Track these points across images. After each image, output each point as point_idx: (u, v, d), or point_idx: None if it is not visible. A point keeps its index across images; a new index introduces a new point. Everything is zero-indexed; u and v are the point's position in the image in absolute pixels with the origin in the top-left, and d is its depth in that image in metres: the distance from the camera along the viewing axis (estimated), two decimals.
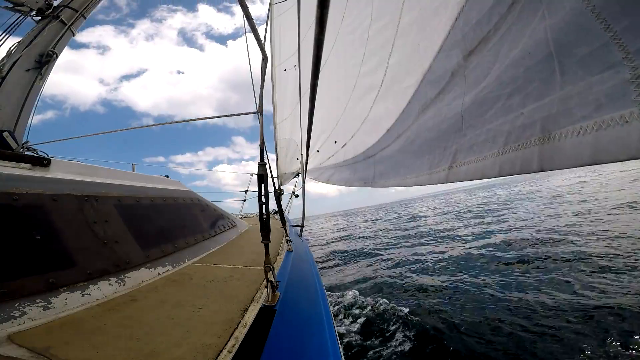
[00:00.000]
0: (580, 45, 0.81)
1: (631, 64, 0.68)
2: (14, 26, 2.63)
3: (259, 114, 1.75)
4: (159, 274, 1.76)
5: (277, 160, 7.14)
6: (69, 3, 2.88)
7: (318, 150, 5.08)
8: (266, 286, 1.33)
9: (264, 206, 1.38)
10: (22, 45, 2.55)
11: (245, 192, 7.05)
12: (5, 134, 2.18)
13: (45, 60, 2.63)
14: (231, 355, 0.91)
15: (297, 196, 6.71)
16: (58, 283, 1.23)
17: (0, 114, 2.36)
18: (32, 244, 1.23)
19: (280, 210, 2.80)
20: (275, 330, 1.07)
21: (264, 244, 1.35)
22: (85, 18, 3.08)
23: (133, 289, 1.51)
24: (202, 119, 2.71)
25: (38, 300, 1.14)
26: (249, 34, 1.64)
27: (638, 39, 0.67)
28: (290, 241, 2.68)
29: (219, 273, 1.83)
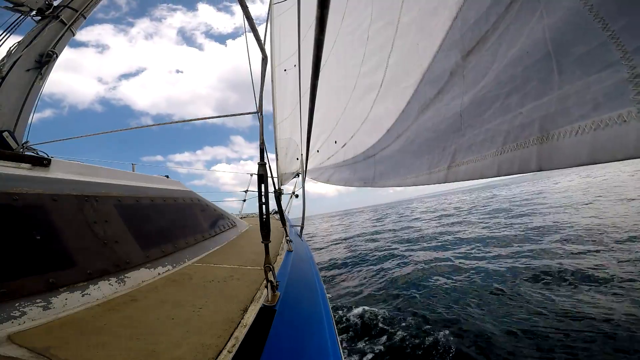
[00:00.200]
0: (578, 44, 0.81)
1: (629, 63, 0.68)
2: (14, 26, 2.63)
3: (259, 114, 1.75)
4: (159, 274, 1.76)
5: (277, 160, 7.14)
6: (69, 3, 2.88)
7: (318, 150, 5.08)
8: (266, 286, 1.34)
9: (264, 206, 1.38)
10: (22, 45, 2.56)
11: (245, 192, 7.05)
12: (5, 134, 2.18)
13: (45, 60, 2.64)
14: (231, 355, 0.91)
15: (297, 196, 6.72)
16: (58, 283, 1.23)
17: (0, 114, 2.36)
18: (32, 244, 1.23)
19: (280, 210, 2.81)
20: (275, 330, 1.07)
21: (264, 244, 1.35)
22: (85, 18, 3.08)
23: (133, 289, 1.51)
24: (202, 119, 2.71)
25: (38, 300, 1.14)
26: (249, 34, 1.64)
27: (636, 38, 0.67)
28: (290, 241, 2.68)
29: (219, 273, 1.84)
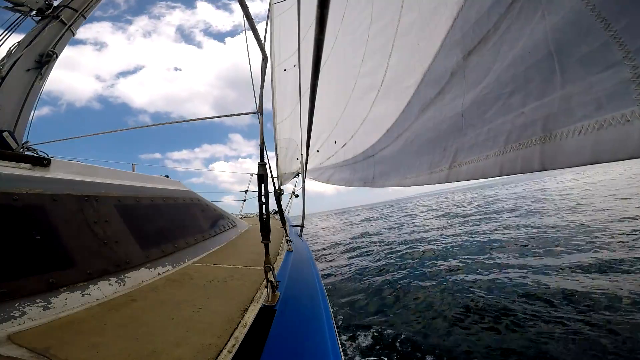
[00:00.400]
0: (580, 44, 0.81)
1: (631, 63, 0.68)
2: (14, 26, 2.63)
3: (259, 114, 1.75)
4: (159, 274, 1.76)
5: (277, 160, 7.14)
6: (69, 3, 2.88)
7: (318, 150, 5.08)
8: (266, 286, 1.33)
9: (264, 206, 1.38)
10: (22, 45, 2.55)
11: (245, 192, 7.05)
12: (5, 134, 2.18)
13: (45, 60, 2.63)
14: (231, 355, 0.91)
15: (297, 196, 6.71)
16: (58, 283, 1.23)
17: (0, 114, 2.36)
18: (32, 244, 1.23)
19: (280, 210, 2.80)
20: (275, 330, 1.06)
21: (264, 244, 1.35)
22: (85, 18, 3.08)
23: (133, 289, 1.50)
24: (203, 119, 2.71)
25: (38, 300, 1.14)
26: (249, 34, 1.64)
27: (638, 38, 0.67)
28: (290, 241, 2.67)
29: (219, 273, 1.83)
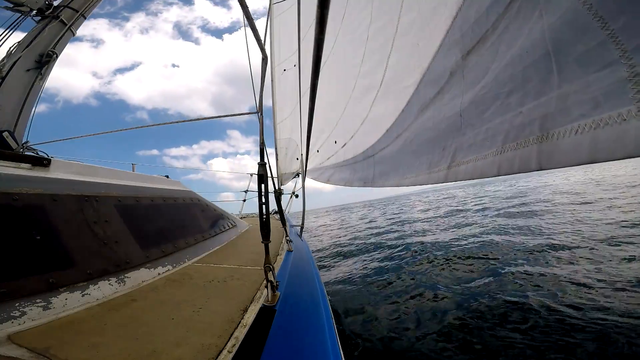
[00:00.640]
0: (578, 43, 0.81)
1: (628, 62, 0.68)
2: (14, 26, 2.63)
3: (259, 114, 1.75)
4: (159, 274, 1.76)
5: (277, 160, 7.14)
6: (69, 3, 2.88)
7: (318, 150, 5.08)
8: (266, 286, 1.34)
9: (264, 206, 1.38)
10: (22, 45, 2.56)
11: (245, 192, 7.05)
12: (5, 134, 2.18)
13: (45, 60, 2.64)
14: (231, 355, 0.91)
15: (297, 196, 6.71)
16: (58, 283, 1.23)
17: (0, 114, 2.37)
18: (32, 244, 1.23)
19: (280, 210, 2.80)
20: (275, 330, 1.07)
21: (264, 244, 1.35)
22: (85, 18, 3.09)
23: (133, 289, 1.51)
24: (203, 119, 2.71)
25: (38, 300, 1.14)
26: (249, 34, 1.64)
27: (635, 37, 0.67)
28: (290, 241, 2.68)
29: (219, 273, 1.84)
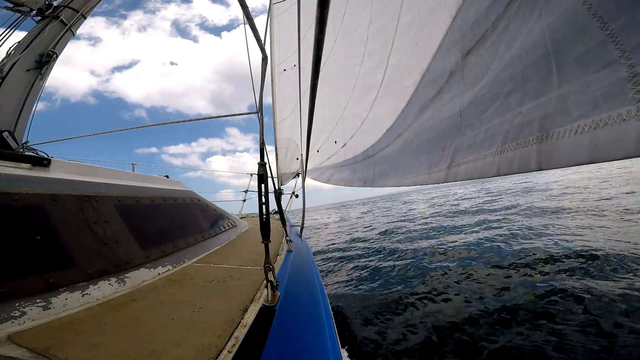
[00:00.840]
0: (577, 43, 0.81)
1: (628, 62, 0.68)
2: (14, 26, 2.63)
3: (259, 114, 1.75)
4: (159, 274, 1.76)
5: (277, 160, 7.14)
6: (69, 3, 2.88)
7: (318, 150, 5.08)
8: (266, 286, 1.34)
9: (264, 206, 1.38)
10: (22, 45, 2.56)
11: (245, 192, 7.05)
12: (5, 134, 2.18)
13: (45, 60, 2.64)
14: (231, 355, 0.91)
15: (297, 196, 6.72)
16: (58, 283, 1.23)
17: (0, 114, 2.37)
18: (32, 244, 1.23)
19: (280, 210, 2.81)
20: (275, 330, 1.07)
21: (264, 244, 1.35)
22: (85, 18, 3.09)
23: (133, 289, 1.51)
24: (202, 119, 2.71)
25: (38, 300, 1.14)
26: (249, 34, 1.64)
27: (634, 37, 0.67)
28: (290, 241, 2.68)
29: (219, 273, 1.84)
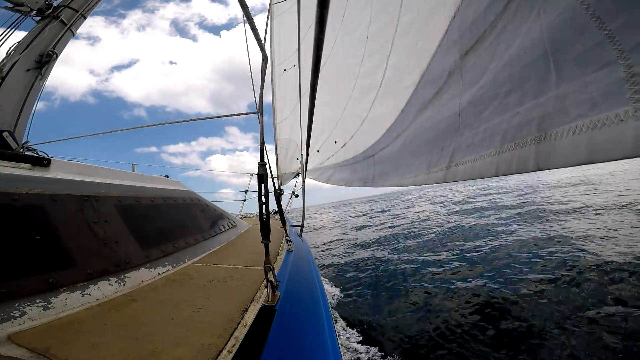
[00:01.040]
0: (575, 43, 0.81)
1: (626, 62, 0.68)
2: (14, 26, 2.63)
3: (259, 114, 1.76)
4: (159, 274, 1.76)
5: (277, 160, 7.14)
6: (69, 3, 2.88)
7: (318, 150, 5.08)
8: (266, 286, 1.34)
9: (264, 206, 1.38)
10: (22, 45, 2.56)
11: (245, 192, 7.06)
12: (5, 134, 2.18)
13: (45, 60, 2.64)
14: (231, 355, 0.91)
15: (297, 196, 6.72)
16: (58, 283, 1.23)
17: (0, 114, 2.37)
18: (32, 244, 1.23)
19: (280, 210, 2.81)
20: (275, 330, 1.07)
21: (264, 244, 1.35)
22: (85, 18, 3.09)
23: (133, 289, 1.51)
24: (203, 119, 2.72)
25: (38, 300, 1.15)
26: (249, 34, 1.65)
27: (632, 37, 0.67)
28: (290, 241, 2.68)
29: (219, 273, 1.84)
